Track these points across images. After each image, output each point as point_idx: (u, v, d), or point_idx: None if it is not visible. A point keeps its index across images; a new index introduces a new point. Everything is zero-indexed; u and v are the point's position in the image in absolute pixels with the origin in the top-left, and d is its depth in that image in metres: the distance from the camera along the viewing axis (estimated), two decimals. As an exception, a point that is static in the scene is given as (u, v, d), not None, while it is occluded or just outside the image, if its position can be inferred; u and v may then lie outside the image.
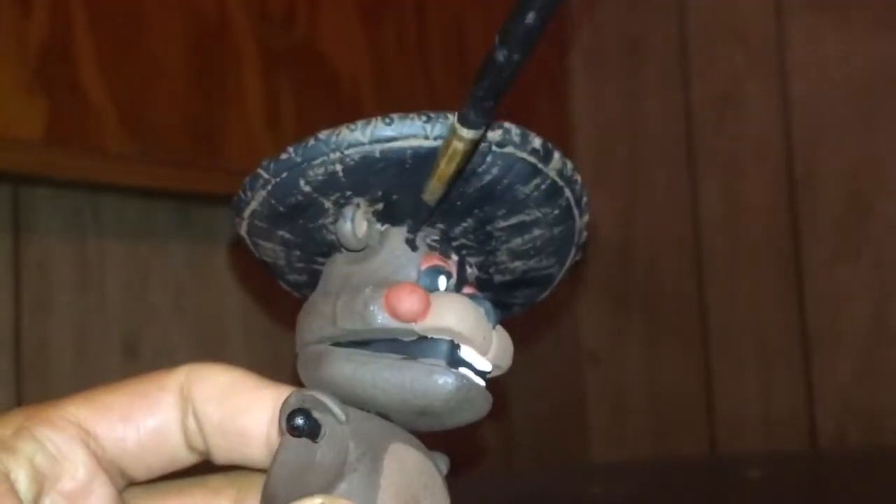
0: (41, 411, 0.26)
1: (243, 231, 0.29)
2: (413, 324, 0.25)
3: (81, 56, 0.67)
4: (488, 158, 0.25)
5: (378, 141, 0.25)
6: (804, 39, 1.09)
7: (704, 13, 1.15)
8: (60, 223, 0.68)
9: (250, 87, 0.77)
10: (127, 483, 0.27)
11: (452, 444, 0.29)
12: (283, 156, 0.26)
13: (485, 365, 0.26)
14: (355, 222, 0.26)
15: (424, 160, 0.25)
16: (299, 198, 0.27)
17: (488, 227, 0.27)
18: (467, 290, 0.27)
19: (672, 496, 0.86)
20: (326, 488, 0.24)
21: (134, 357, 0.72)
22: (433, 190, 0.25)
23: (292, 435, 0.25)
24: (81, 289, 0.69)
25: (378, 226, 0.27)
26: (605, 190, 1.20)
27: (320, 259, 0.28)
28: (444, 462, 0.27)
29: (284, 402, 0.25)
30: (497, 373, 0.27)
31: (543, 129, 0.27)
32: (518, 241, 0.28)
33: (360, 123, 0.25)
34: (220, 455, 0.27)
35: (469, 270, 0.28)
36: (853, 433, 1.05)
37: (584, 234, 0.29)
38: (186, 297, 0.75)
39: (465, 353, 0.26)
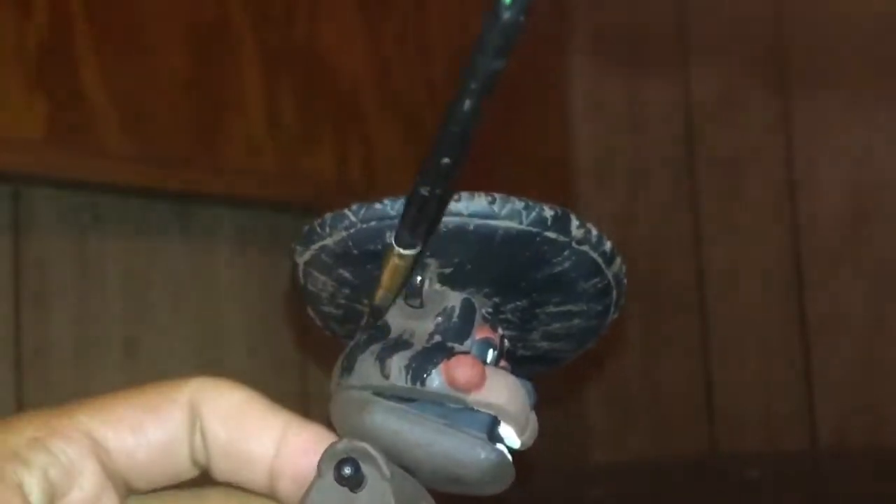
0: (53, 420, 0.26)
1: (303, 259, 0.29)
2: (467, 394, 0.26)
3: (81, 56, 0.67)
4: (565, 253, 0.27)
5: (476, 216, 0.26)
6: (804, 40, 1.09)
7: (704, 13, 1.15)
8: (60, 223, 0.68)
9: (250, 87, 0.77)
10: (128, 494, 0.27)
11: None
12: (378, 206, 0.27)
13: (517, 443, 0.27)
14: (425, 277, 0.27)
15: (512, 242, 0.26)
16: (379, 247, 0.27)
17: (538, 310, 0.29)
18: (503, 363, 0.28)
19: (672, 496, 0.86)
20: None
21: (134, 357, 0.72)
22: (382, 298, 0.26)
23: (339, 483, 0.25)
24: (81, 289, 0.69)
25: (437, 286, 0.28)
26: (605, 190, 1.20)
27: (365, 301, 0.29)
28: None
29: (331, 447, 0.26)
30: (522, 449, 0.28)
31: (543, 129, 0.27)
32: (557, 326, 0.30)
33: (464, 195, 0.26)
34: (221, 474, 0.27)
35: (507, 345, 0.29)
36: (853, 433, 1.05)
37: (616, 314, 0.31)
38: (186, 297, 0.75)
39: (504, 430, 0.27)
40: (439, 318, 0.27)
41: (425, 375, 0.26)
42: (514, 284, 0.28)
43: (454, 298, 0.28)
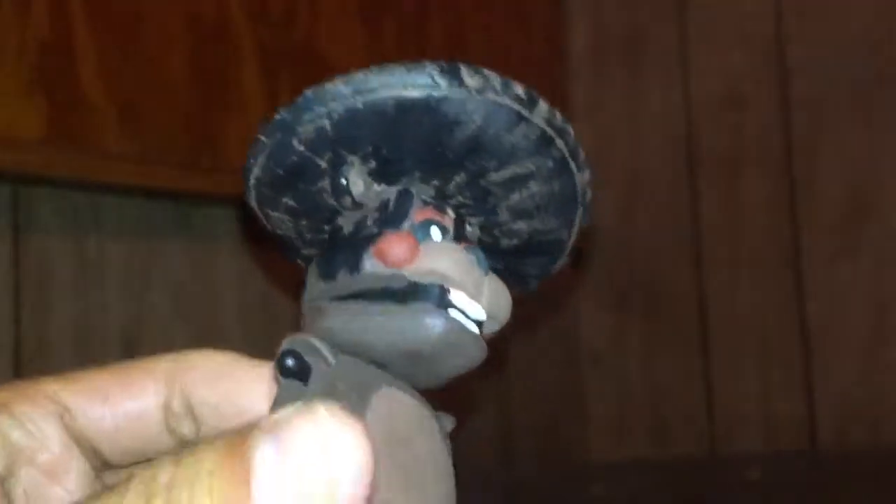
0: (21, 387, 0.26)
1: (253, 201, 0.29)
2: (403, 270, 0.26)
3: (81, 56, 0.67)
4: (469, 107, 0.25)
5: (360, 92, 0.26)
6: (804, 40, 1.09)
7: (704, 13, 1.15)
8: (60, 223, 0.68)
9: (250, 87, 0.77)
10: (103, 465, 0.28)
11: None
12: (276, 116, 0.27)
13: (478, 312, 0.26)
14: (350, 180, 0.27)
15: (408, 111, 0.26)
16: (294, 158, 0.27)
17: (482, 182, 0.27)
18: (464, 242, 0.27)
19: (672, 496, 0.86)
20: None
21: (133, 357, 0.72)
22: None
23: (283, 376, 0.25)
24: (81, 289, 0.69)
25: (376, 186, 0.27)
26: (605, 190, 1.20)
27: (326, 228, 0.29)
28: (449, 421, 0.27)
29: (278, 348, 0.26)
30: (494, 326, 0.27)
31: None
32: (516, 196, 0.28)
33: (343, 76, 0.26)
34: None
35: (469, 229, 0.28)
36: (853, 433, 1.05)
37: (589, 193, 0.28)
38: (186, 297, 0.75)
39: (456, 298, 0.26)
40: (376, 213, 0.27)
41: (359, 262, 0.26)
42: (439, 159, 0.27)
43: (390, 192, 0.27)
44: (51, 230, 0.68)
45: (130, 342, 0.72)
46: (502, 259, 0.29)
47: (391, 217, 0.27)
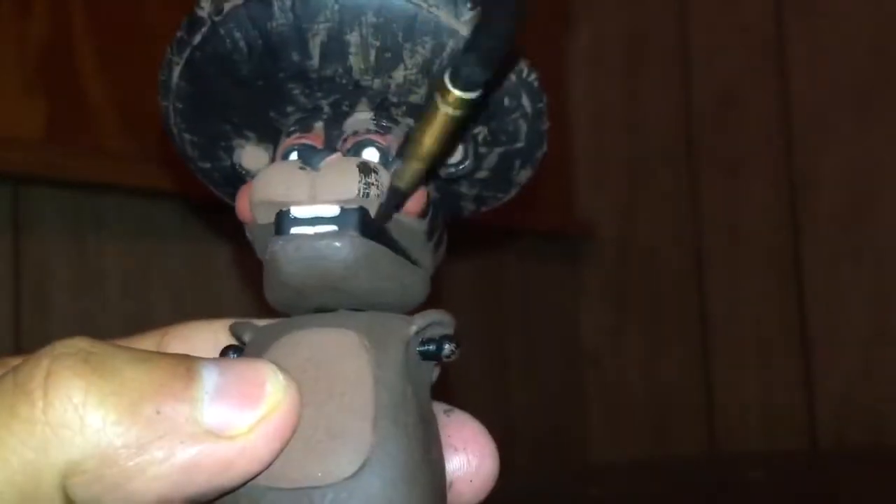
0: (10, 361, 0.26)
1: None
2: (256, 221, 0.25)
3: (81, 56, 0.67)
4: (222, 32, 0.25)
5: (166, 95, 0.27)
6: (804, 39, 1.09)
7: (704, 13, 1.15)
8: (60, 223, 0.68)
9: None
10: None
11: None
12: (176, 150, 0.28)
13: (325, 210, 0.24)
14: (244, 162, 0.27)
15: (196, 75, 0.26)
16: (216, 174, 0.28)
17: (313, 75, 0.26)
18: (350, 141, 0.26)
19: (672, 496, 0.86)
20: None
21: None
22: (408, 175, 0.24)
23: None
24: (81, 289, 0.69)
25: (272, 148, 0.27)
26: (605, 189, 1.20)
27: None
28: (419, 322, 0.25)
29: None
30: (371, 207, 0.24)
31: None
32: (352, 59, 0.25)
33: (158, 96, 0.27)
34: None
35: (350, 120, 0.26)
36: (853, 433, 1.05)
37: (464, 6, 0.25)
38: (186, 297, 0.75)
39: (297, 211, 0.24)
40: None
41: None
42: (270, 90, 0.26)
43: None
44: (51, 230, 0.68)
45: (130, 342, 0.72)
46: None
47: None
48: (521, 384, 1.09)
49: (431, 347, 0.25)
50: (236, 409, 0.20)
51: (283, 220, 0.24)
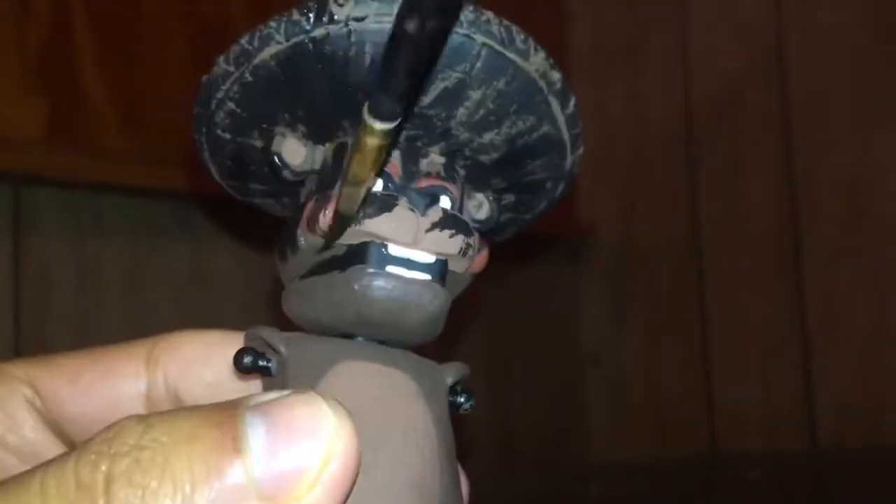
0: None
1: (236, 195, 0.29)
2: (323, 234, 0.25)
3: (81, 56, 0.67)
4: (352, 38, 0.24)
5: (241, 63, 0.25)
6: (804, 39, 1.09)
7: (704, 13, 1.15)
8: (60, 223, 0.68)
9: (250, 87, 0.77)
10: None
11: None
12: (194, 113, 0.26)
13: (421, 257, 0.24)
14: (284, 153, 0.26)
15: (292, 63, 0.24)
16: (230, 147, 0.27)
17: (415, 108, 0.25)
18: (424, 182, 0.26)
19: (672, 496, 0.86)
20: None
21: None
22: (347, 199, 0.23)
23: (243, 374, 0.25)
24: (81, 289, 0.69)
25: (320, 148, 0.26)
26: (605, 190, 1.20)
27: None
28: (454, 373, 0.25)
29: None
30: (461, 262, 0.25)
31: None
32: (461, 110, 0.25)
33: (221, 58, 0.25)
34: None
35: (425, 161, 0.26)
36: (853, 433, 1.05)
37: (552, 73, 0.25)
38: (186, 297, 0.75)
39: (395, 251, 0.24)
40: (316, 177, 0.26)
41: (295, 239, 0.25)
42: (357, 99, 0.24)
43: (327, 150, 0.26)
44: (51, 230, 0.68)
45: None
46: (506, 175, 0.27)
47: (329, 177, 0.25)
48: (522, 384, 1.09)
49: (461, 400, 0.25)
50: (293, 469, 0.19)
51: (376, 253, 0.24)
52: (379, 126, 0.20)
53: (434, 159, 0.26)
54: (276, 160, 0.26)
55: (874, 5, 1.06)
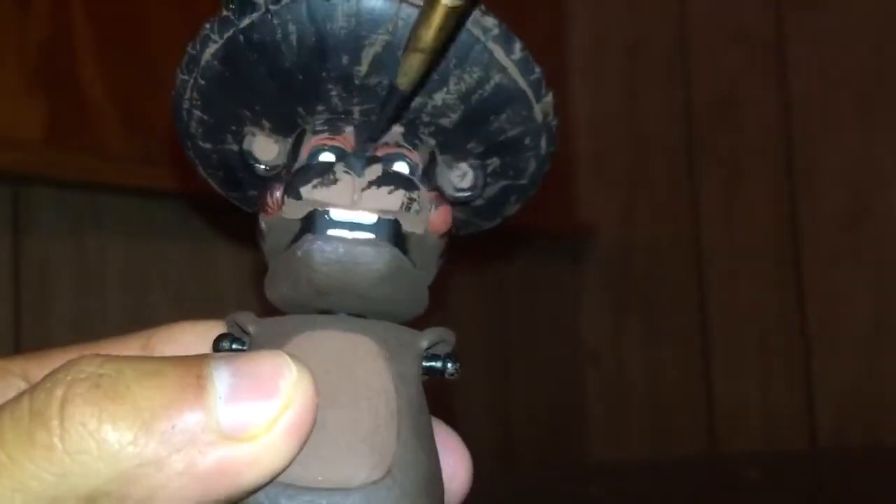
0: None
1: (234, 202, 0.29)
2: (285, 214, 0.25)
3: (81, 56, 0.67)
4: (276, 20, 0.24)
5: (192, 70, 0.26)
6: (804, 39, 1.09)
7: (704, 13, 1.15)
8: (60, 223, 0.68)
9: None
10: None
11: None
12: (175, 127, 0.27)
13: (364, 217, 0.24)
14: (255, 151, 0.26)
15: (231, 59, 0.25)
16: (214, 156, 0.27)
17: (357, 81, 0.25)
18: (380, 152, 0.26)
19: (672, 496, 0.86)
20: None
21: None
22: (407, 70, 0.23)
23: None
24: (81, 289, 0.69)
25: (288, 141, 0.27)
26: (605, 190, 1.20)
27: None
28: (430, 336, 0.25)
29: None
30: (410, 223, 0.25)
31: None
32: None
33: (178, 69, 0.26)
34: None
35: (388, 132, 0.26)
36: (853, 433, 1.05)
37: (489, 20, 0.25)
38: (186, 297, 0.75)
39: (336, 214, 0.24)
40: (282, 167, 0.26)
41: (258, 227, 0.26)
42: (300, 85, 0.25)
43: (290, 141, 0.27)
44: (51, 230, 0.68)
45: (130, 342, 0.72)
46: (477, 136, 0.27)
47: (290, 163, 0.26)
48: (522, 384, 1.09)
49: (437, 364, 0.25)
50: (252, 409, 0.20)
51: (319, 220, 0.24)
52: None
53: (393, 130, 0.26)
54: (249, 159, 0.26)
55: (874, 5, 1.06)
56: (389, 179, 0.25)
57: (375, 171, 0.25)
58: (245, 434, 0.20)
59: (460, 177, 0.27)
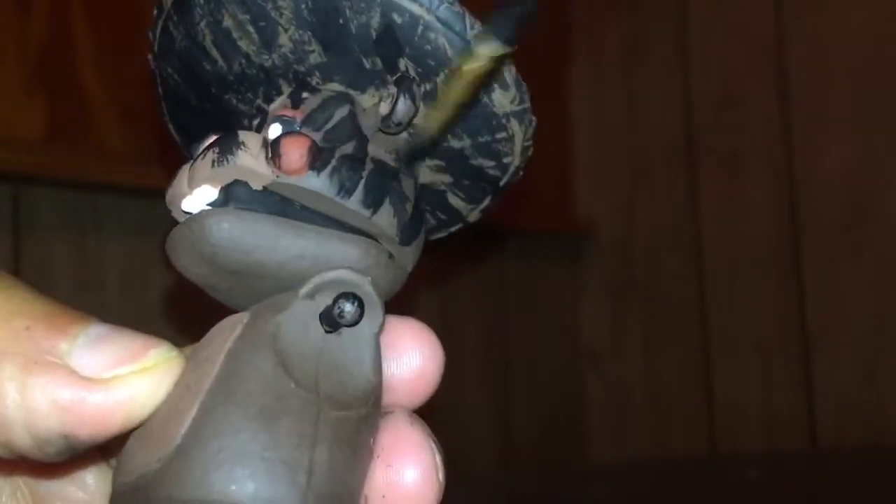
0: None
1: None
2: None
3: (81, 56, 0.67)
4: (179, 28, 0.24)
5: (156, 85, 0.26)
6: (804, 39, 1.09)
7: (704, 13, 1.15)
8: (60, 223, 0.68)
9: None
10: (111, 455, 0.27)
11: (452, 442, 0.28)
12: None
13: (204, 195, 0.23)
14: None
15: (175, 69, 0.25)
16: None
17: (307, 54, 0.24)
18: (287, 112, 0.24)
19: (672, 496, 0.86)
20: None
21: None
22: (432, 122, 0.22)
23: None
24: (81, 289, 0.69)
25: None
26: (605, 190, 1.20)
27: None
28: (308, 287, 0.22)
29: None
30: (253, 176, 0.23)
31: (543, 129, 0.27)
32: (285, 41, 0.24)
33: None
34: None
35: (272, 106, 0.25)
36: (853, 433, 1.05)
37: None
38: (186, 297, 0.75)
39: (186, 204, 0.23)
40: None
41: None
42: (222, 81, 0.25)
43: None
44: (51, 230, 0.68)
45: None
46: (385, 58, 0.24)
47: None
48: (521, 383, 1.09)
49: (332, 312, 0.21)
50: (108, 359, 0.20)
51: (178, 212, 0.23)
52: (499, 51, 0.20)
53: (278, 101, 0.25)
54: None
55: (874, 5, 1.06)
56: (206, 149, 0.23)
57: (200, 147, 0.24)
58: (87, 374, 0.20)
59: (387, 104, 0.24)
